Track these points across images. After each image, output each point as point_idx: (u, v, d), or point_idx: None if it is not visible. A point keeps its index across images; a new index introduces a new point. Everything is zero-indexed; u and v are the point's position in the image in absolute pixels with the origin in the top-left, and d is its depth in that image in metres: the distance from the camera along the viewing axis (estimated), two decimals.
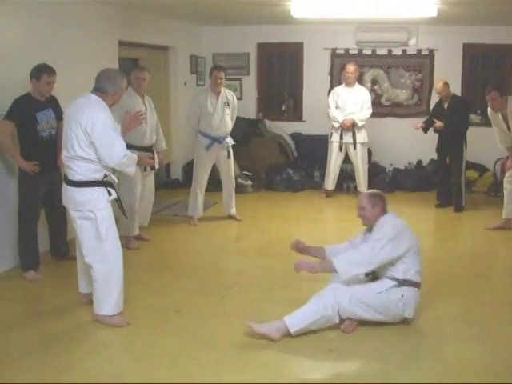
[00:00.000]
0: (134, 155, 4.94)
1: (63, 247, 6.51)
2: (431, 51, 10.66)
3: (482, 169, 10.38)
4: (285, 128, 11.14)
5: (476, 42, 10.37)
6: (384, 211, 4.96)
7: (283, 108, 11.47)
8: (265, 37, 11.17)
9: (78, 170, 4.75)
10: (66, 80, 6.43)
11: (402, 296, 4.70)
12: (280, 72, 11.62)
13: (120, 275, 4.92)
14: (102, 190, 4.81)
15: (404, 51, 10.79)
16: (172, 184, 10.52)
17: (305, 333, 4.67)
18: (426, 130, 9.04)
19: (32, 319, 5.12)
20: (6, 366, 4.24)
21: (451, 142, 8.76)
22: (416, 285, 4.82)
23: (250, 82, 11.49)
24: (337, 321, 4.68)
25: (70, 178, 4.82)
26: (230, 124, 8.08)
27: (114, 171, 4.97)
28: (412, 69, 10.84)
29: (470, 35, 10.32)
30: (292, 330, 4.58)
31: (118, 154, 4.68)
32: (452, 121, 8.62)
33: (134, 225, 7.06)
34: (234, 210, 8.36)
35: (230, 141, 8.11)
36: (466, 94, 10.42)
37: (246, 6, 8.36)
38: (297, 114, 11.29)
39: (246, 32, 11.09)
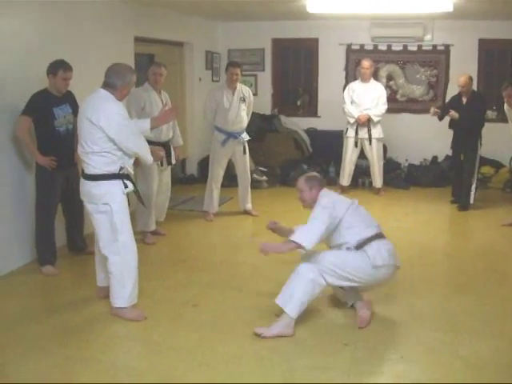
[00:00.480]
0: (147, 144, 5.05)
1: (80, 242, 6.55)
2: (447, 47, 10.62)
3: (497, 165, 10.34)
4: (300, 123, 11.14)
5: (492, 38, 10.32)
6: (320, 190, 4.98)
7: (298, 103, 11.48)
8: (280, 32, 11.19)
9: (93, 163, 4.79)
10: (83, 76, 6.47)
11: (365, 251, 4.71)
12: (295, 68, 11.62)
13: (134, 267, 4.95)
14: (117, 183, 4.83)
15: (419, 47, 10.75)
16: (187, 179, 10.56)
17: (319, 327, 4.74)
18: (441, 118, 8.85)
19: (49, 313, 5.16)
20: (25, 358, 4.28)
21: (466, 138, 8.62)
22: (372, 238, 4.75)
23: (265, 78, 11.51)
24: (324, 283, 4.72)
25: (86, 171, 4.86)
26: (245, 119, 8.10)
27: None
28: (427, 64, 10.81)
29: (485, 30, 10.27)
30: (295, 316, 4.64)
31: (136, 143, 4.83)
32: (469, 116, 8.47)
33: (151, 220, 7.10)
34: (249, 205, 8.38)
35: (245, 136, 8.12)
36: (482, 90, 10.36)
37: (261, 1, 8.37)
38: (312, 110, 11.29)
39: (262, 28, 11.10)
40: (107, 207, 4.82)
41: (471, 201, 8.67)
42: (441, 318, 4.99)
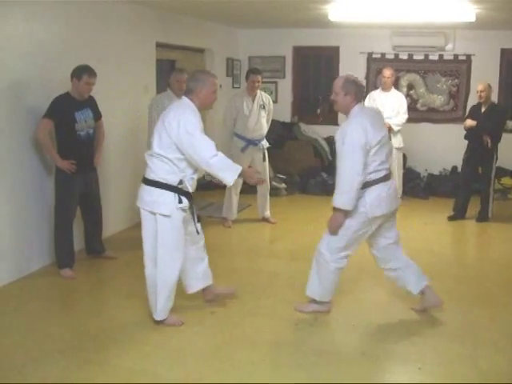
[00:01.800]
0: (235, 164, 4.74)
1: (99, 246, 6.58)
2: (468, 56, 10.57)
3: None
4: (320, 132, 11.13)
5: None
6: (356, 100, 4.81)
7: (318, 112, 11.47)
8: (301, 40, 11.19)
9: (153, 167, 4.72)
10: (104, 80, 6.50)
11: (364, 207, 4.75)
12: (316, 76, 11.61)
13: (169, 283, 4.82)
14: (170, 195, 4.69)
15: (441, 56, 10.72)
16: (207, 185, 10.54)
17: (337, 336, 4.72)
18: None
19: (67, 316, 5.20)
20: (43, 360, 4.30)
21: (483, 151, 8.38)
22: (378, 181, 4.78)
23: (286, 85, 11.51)
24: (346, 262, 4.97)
25: (145, 175, 4.80)
26: (265, 127, 8.10)
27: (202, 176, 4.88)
28: (449, 74, 10.77)
29: (507, 40, 10.22)
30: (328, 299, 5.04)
31: (206, 155, 4.57)
32: (485, 125, 8.28)
33: None
34: (268, 213, 8.37)
35: (265, 143, 8.13)
36: (503, 100, 10.34)
37: (283, 9, 8.38)
38: (332, 118, 11.24)
39: (282, 35, 11.11)
40: (153, 216, 4.75)
41: (490, 214, 8.57)
42: (460, 329, 4.94)
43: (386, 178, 4.84)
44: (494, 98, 9.94)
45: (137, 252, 6.85)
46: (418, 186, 10.26)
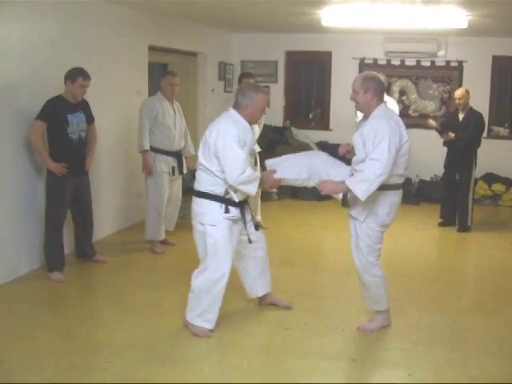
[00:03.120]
0: (255, 174, 4.78)
1: (89, 249, 6.54)
2: (460, 63, 10.60)
3: (509, 182, 10.26)
4: (312, 136, 11.09)
5: (506, 55, 10.30)
6: (377, 96, 4.64)
7: (310, 116, 11.48)
8: (293, 45, 11.20)
9: (199, 179, 4.77)
10: (96, 83, 6.49)
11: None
12: (308, 80, 11.62)
13: (214, 293, 4.78)
14: (217, 205, 4.70)
15: (433, 62, 10.75)
16: None
17: (326, 343, 4.71)
18: (441, 133, 8.58)
19: (56, 319, 5.18)
20: (31, 364, 4.26)
21: (461, 158, 8.34)
22: (393, 187, 4.75)
23: (278, 90, 11.50)
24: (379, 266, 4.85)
25: (194, 187, 4.84)
26: (257, 131, 8.08)
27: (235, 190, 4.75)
28: (440, 80, 10.80)
29: (499, 47, 10.26)
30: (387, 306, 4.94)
31: (234, 171, 4.56)
32: (465, 135, 8.22)
33: (161, 229, 7.09)
34: (259, 217, 8.33)
35: (256, 148, 8.08)
36: (495, 107, 10.38)
37: (276, 14, 8.38)
38: (324, 123, 11.27)
39: (275, 40, 11.12)
40: (202, 227, 4.76)
41: (469, 222, 8.46)
42: (450, 336, 4.94)
43: (402, 185, 4.81)
44: (486, 104, 10.01)
45: (127, 256, 6.89)
46: (409, 191, 10.26)
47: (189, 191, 8.72)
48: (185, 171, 7.23)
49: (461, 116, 8.42)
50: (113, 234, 7.73)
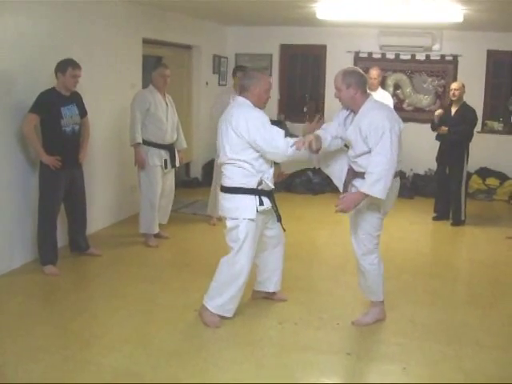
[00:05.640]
0: (306, 140, 4.56)
1: (82, 243, 6.52)
2: (455, 57, 10.59)
3: (502, 177, 10.29)
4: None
5: (500, 49, 10.30)
6: (360, 89, 4.64)
7: (305, 110, 11.43)
8: (288, 38, 11.18)
9: (229, 174, 4.73)
10: (90, 76, 6.46)
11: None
12: (302, 74, 11.59)
13: (237, 285, 4.81)
14: (252, 198, 4.70)
15: (427, 56, 10.74)
16: (191, 183, 10.54)
17: (321, 337, 4.70)
18: (434, 128, 8.60)
19: (50, 313, 5.15)
20: (24, 358, 4.24)
21: (452, 152, 8.36)
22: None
23: (272, 83, 11.41)
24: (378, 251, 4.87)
25: (223, 184, 4.81)
26: None
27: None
28: (435, 74, 10.79)
29: (494, 42, 10.26)
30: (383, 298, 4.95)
31: (282, 144, 4.56)
32: (458, 130, 8.24)
33: (154, 222, 7.08)
34: None
35: None
36: (489, 101, 10.38)
37: (271, 7, 8.36)
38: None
39: (270, 33, 11.10)
40: (236, 222, 4.72)
41: (462, 217, 8.48)
42: (444, 330, 4.94)
43: (399, 173, 4.76)
44: (480, 98, 10.01)
45: (121, 249, 6.88)
46: (403, 185, 10.21)
47: (182, 184, 8.72)
48: (177, 164, 7.21)
49: (453, 110, 8.43)
50: (106, 228, 7.71)
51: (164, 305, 5.30)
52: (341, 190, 4.85)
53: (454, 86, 8.43)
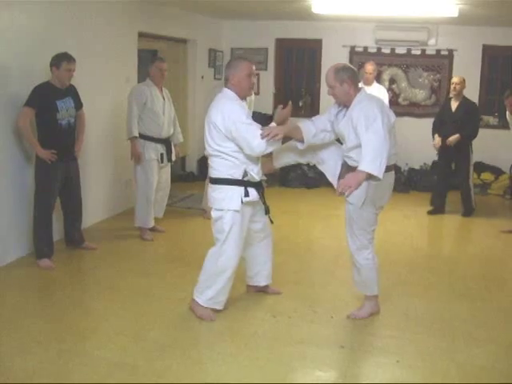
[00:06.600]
0: (273, 132, 4.54)
1: (78, 236, 6.53)
2: (450, 52, 10.61)
3: (497, 171, 10.32)
4: None
5: (496, 44, 10.33)
6: (354, 85, 4.62)
7: (300, 104, 11.46)
8: (284, 32, 11.19)
9: (215, 166, 4.73)
10: (86, 69, 6.46)
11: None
12: (298, 68, 11.62)
13: (225, 277, 4.84)
14: (237, 190, 4.70)
15: (423, 51, 10.75)
16: (187, 177, 10.55)
17: (315, 329, 4.72)
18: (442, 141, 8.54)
19: (45, 307, 5.16)
20: (19, 352, 4.25)
21: (458, 147, 8.37)
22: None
23: (268, 77, 11.49)
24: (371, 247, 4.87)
25: (210, 175, 4.83)
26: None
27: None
28: (431, 69, 10.81)
29: (490, 36, 10.28)
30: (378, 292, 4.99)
31: (254, 138, 4.51)
32: (466, 131, 8.27)
33: (150, 216, 7.09)
34: None
35: None
36: (484, 96, 10.40)
37: (266, 1, 8.35)
38: (314, 111, 11.23)
39: (266, 27, 11.11)
40: (220, 213, 4.75)
41: (473, 206, 8.60)
42: (437, 323, 4.96)
43: (394, 167, 4.76)
44: (476, 93, 10.03)
45: (117, 243, 6.88)
46: (398, 179, 10.25)
47: (177, 178, 8.73)
48: (173, 158, 7.21)
49: (454, 105, 8.46)
50: (102, 221, 7.71)
51: (159, 298, 5.31)
52: (335, 186, 4.83)
53: (454, 79, 8.45)
